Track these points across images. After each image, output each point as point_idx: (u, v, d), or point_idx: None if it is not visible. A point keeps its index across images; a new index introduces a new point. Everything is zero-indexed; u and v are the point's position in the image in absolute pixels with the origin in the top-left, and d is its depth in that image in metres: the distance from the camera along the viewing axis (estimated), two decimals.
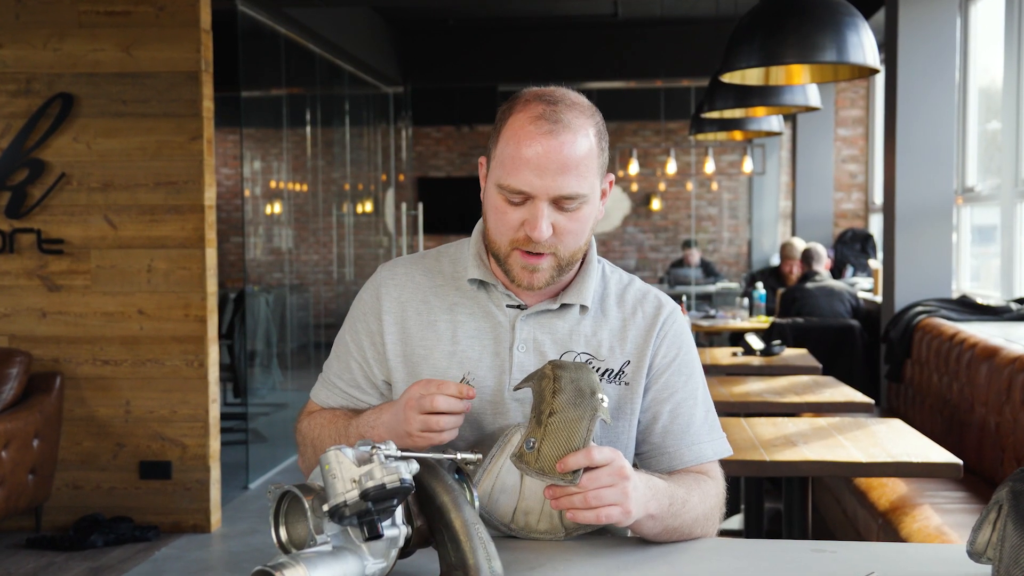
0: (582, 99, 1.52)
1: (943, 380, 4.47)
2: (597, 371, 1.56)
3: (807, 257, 6.77)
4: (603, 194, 1.56)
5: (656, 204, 12.10)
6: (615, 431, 1.57)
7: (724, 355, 4.85)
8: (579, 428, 1.34)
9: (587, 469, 1.34)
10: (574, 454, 1.33)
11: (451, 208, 11.28)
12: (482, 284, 1.59)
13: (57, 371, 4.61)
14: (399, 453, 1.24)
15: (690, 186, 12.09)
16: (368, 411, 1.56)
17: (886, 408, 5.46)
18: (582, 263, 1.60)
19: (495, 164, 1.50)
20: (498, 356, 1.56)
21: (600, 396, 1.38)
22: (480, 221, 1.62)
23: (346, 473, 1.20)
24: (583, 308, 1.59)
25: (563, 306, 1.58)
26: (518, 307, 1.58)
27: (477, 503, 1.35)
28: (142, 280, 4.63)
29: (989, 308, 5.02)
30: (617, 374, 1.57)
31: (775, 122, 5.70)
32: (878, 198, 8.90)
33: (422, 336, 1.58)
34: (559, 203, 1.47)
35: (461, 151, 12.25)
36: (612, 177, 1.58)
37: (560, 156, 1.45)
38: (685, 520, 1.50)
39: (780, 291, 6.94)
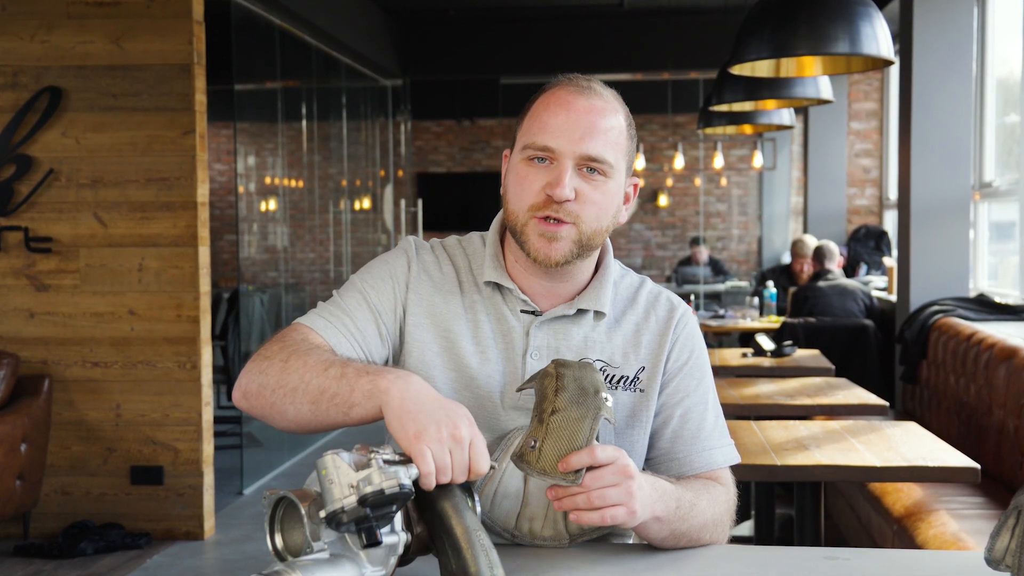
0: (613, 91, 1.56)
1: (960, 382, 4.43)
2: (612, 379, 1.55)
3: (819, 255, 6.77)
4: (627, 197, 1.56)
5: (663, 200, 12.00)
6: (630, 439, 1.55)
7: (734, 356, 4.83)
8: (582, 427, 1.32)
9: (590, 468, 1.32)
10: (576, 453, 1.31)
11: (451, 204, 11.23)
12: (497, 287, 1.56)
13: (45, 373, 4.53)
14: (398, 457, 1.22)
15: (698, 181, 11.98)
16: (383, 368, 1.38)
17: (901, 411, 5.43)
18: (598, 267, 1.58)
19: (522, 136, 1.51)
20: (510, 362, 1.54)
21: (604, 395, 1.35)
22: (496, 219, 1.61)
23: (344, 478, 1.18)
24: (598, 314, 1.56)
25: (579, 311, 1.55)
26: (532, 313, 1.55)
27: (479, 509, 1.32)
28: (133, 279, 4.55)
29: (1008, 307, 4.99)
30: (632, 381, 1.55)
31: (786, 115, 5.62)
32: (893, 194, 8.82)
33: (447, 326, 1.55)
34: (584, 167, 1.47)
35: (462, 146, 12.14)
36: (638, 181, 1.58)
37: (590, 117, 1.47)
38: (693, 525, 1.48)
39: (791, 290, 6.91)
